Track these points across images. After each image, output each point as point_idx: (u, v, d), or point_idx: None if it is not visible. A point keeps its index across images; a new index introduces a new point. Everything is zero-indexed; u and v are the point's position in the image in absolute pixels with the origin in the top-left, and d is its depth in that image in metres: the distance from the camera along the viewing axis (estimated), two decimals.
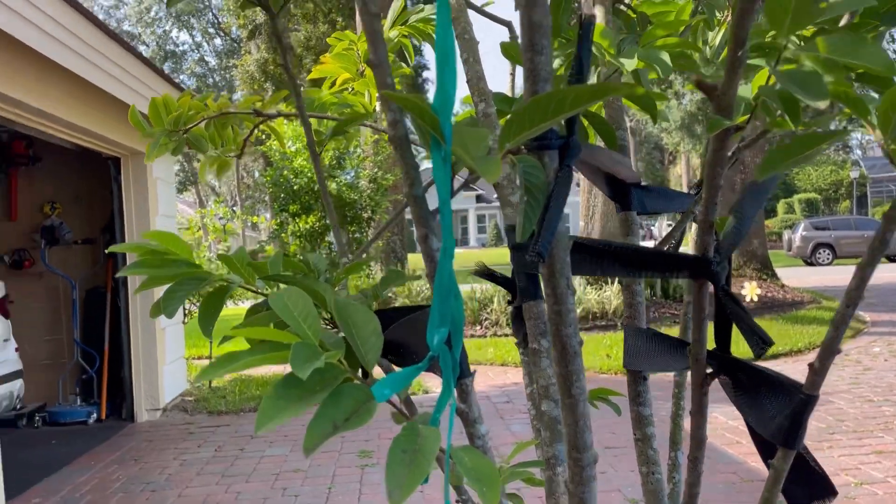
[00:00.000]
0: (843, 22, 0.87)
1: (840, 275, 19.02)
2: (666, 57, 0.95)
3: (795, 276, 19.15)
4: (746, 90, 0.90)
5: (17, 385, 6.04)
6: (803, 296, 14.06)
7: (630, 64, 0.91)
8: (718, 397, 1.04)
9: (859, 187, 41.47)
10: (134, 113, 1.72)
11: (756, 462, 5.00)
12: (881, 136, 0.67)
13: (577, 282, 11.71)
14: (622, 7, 1.21)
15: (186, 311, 8.56)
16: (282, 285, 0.89)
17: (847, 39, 0.69)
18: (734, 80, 0.71)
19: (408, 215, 0.94)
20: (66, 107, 5.49)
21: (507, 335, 10.72)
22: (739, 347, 0.83)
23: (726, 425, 5.98)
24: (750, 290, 9.88)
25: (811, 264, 25.72)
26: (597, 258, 0.82)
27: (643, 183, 1.14)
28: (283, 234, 9.79)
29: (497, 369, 8.97)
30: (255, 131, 1.92)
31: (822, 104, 0.59)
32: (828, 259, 25.71)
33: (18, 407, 6.34)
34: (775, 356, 8.86)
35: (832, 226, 26.29)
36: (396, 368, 0.89)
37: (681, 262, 0.83)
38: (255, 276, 0.87)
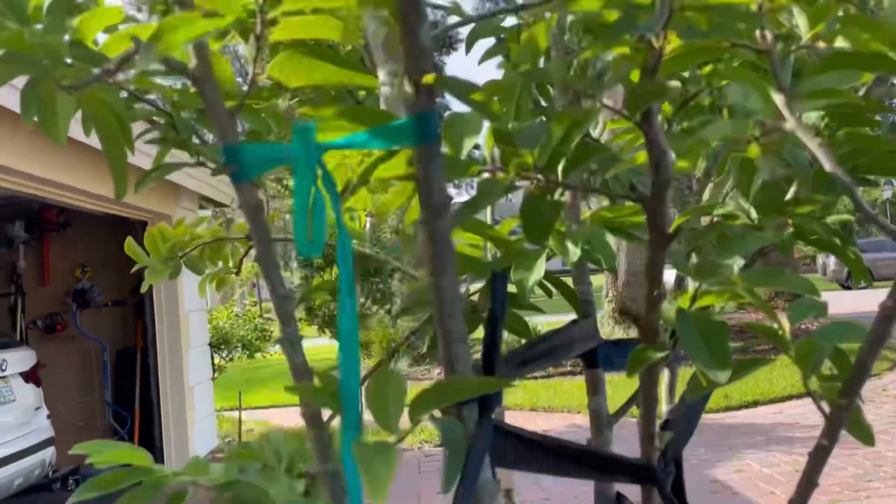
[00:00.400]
0: None
1: (877, 298, 18.45)
2: (610, 239, 0.96)
3: (831, 302, 18.72)
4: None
5: (48, 453, 6.15)
6: None
7: (574, 253, 0.93)
8: (751, 442, 1.03)
9: (893, 207, 40.54)
10: (130, 244, 1.78)
11: None
12: (802, 376, 0.67)
13: None
14: None
15: (216, 367, 8.66)
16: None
17: (765, 272, 0.71)
18: (654, 314, 0.72)
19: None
20: (93, 179, 5.65)
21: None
22: None
23: (759, 473, 5.84)
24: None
25: (848, 288, 25.15)
26: (528, 452, 0.82)
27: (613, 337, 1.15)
28: (307, 289, 9.88)
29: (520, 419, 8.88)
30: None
31: (723, 377, 0.60)
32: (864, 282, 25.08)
33: (51, 474, 6.44)
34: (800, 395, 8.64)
35: (867, 248, 25.71)
36: None
37: (625, 467, 0.84)
38: (212, 481, 0.90)
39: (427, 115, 0.60)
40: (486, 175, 0.66)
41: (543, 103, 0.82)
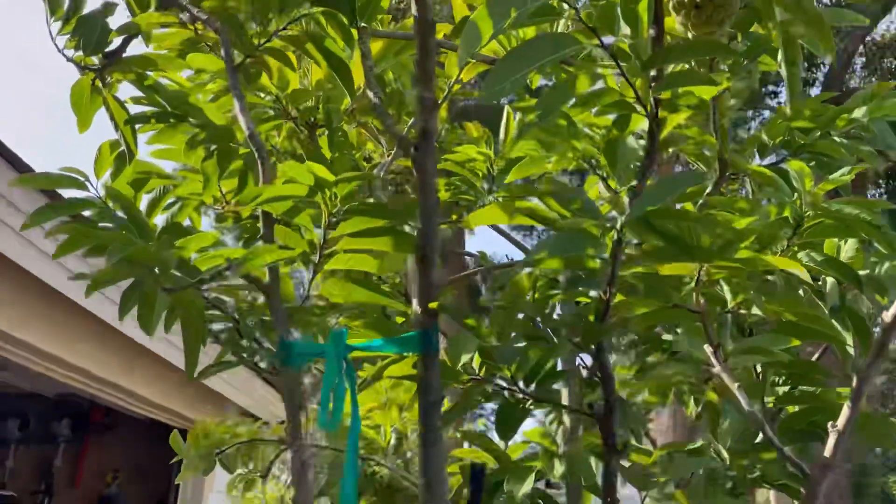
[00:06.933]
0: None
1: None
2: (593, 461, 1.10)
3: None
4: None
5: None
6: None
7: (558, 469, 1.07)
8: None
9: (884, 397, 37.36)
10: (175, 438, 1.96)
11: None
12: None
13: None
14: None
15: None
16: None
17: (703, 491, 0.84)
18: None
19: None
20: (144, 383, 5.92)
21: None
22: None
23: None
24: None
25: None
26: None
27: None
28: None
29: None
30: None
31: None
32: None
33: None
34: None
35: None
36: None
37: None
38: None
39: (430, 331, 0.80)
40: (471, 383, 0.84)
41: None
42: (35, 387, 6.80)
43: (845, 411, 0.84)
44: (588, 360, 1.21)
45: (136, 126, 1.35)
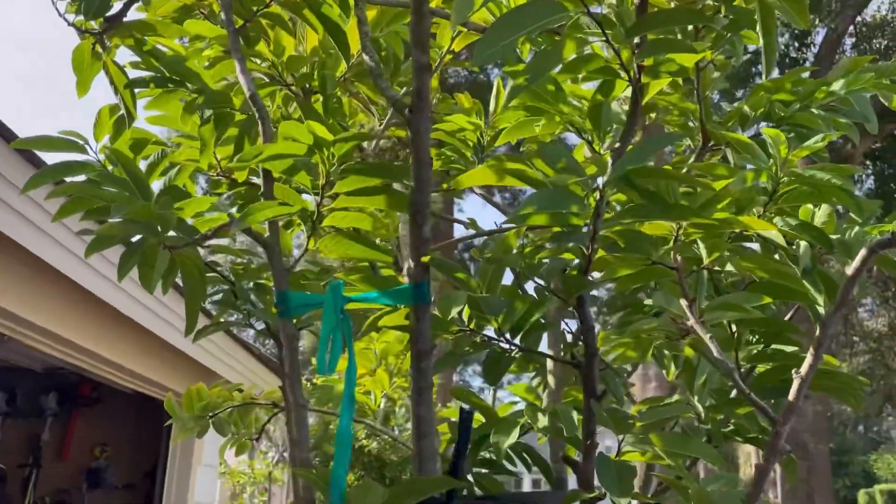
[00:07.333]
0: None
1: None
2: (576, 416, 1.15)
3: None
4: None
5: None
6: None
7: (542, 421, 1.12)
8: None
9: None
10: (170, 400, 2.01)
11: None
12: None
13: None
14: None
15: None
16: None
17: (680, 438, 0.90)
18: (589, 463, 0.91)
19: None
20: (133, 356, 5.95)
21: None
22: None
23: None
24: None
25: None
26: None
27: None
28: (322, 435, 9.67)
29: None
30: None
31: (624, 501, 0.78)
32: None
33: None
34: None
35: None
36: None
37: None
38: None
39: (422, 284, 0.85)
40: (460, 334, 0.89)
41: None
42: (23, 361, 6.81)
43: (809, 359, 0.90)
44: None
45: (135, 91, 1.38)
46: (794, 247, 1.21)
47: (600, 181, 0.81)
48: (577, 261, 0.92)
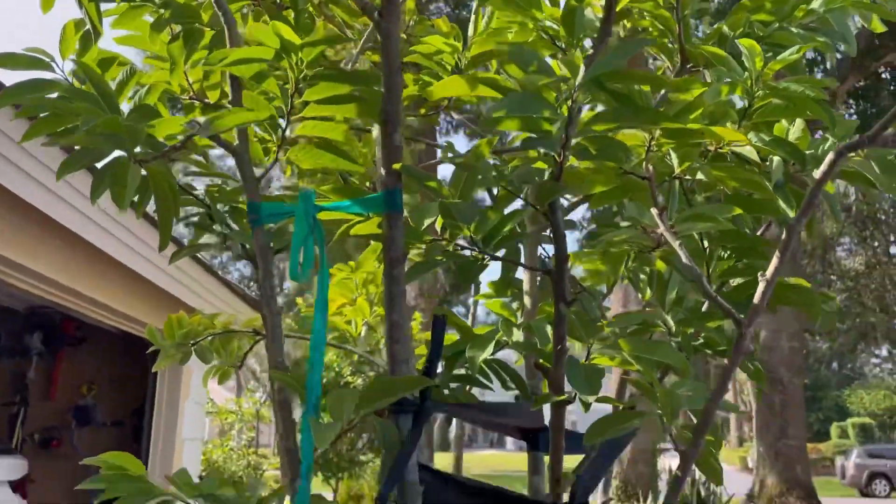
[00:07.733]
0: None
1: None
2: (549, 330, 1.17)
3: None
4: None
5: None
6: None
7: (518, 335, 1.14)
8: None
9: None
10: (151, 329, 2.01)
11: None
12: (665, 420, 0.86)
13: None
14: None
15: None
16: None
17: (648, 343, 0.91)
18: (560, 368, 0.92)
19: None
20: (114, 295, 5.95)
21: None
22: None
23: None
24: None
25: (867, 495, 24.05)
26: (441, 489, 0.98)
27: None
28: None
29: None
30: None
31: (591, 398, 0.80)
32: (885, 490, 24.08)
33: None
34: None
35: (888, 454, 24.90)
36: None
37: None
38: (194, 492, 1.07)
39: (394, 191, 0.85)
40: (433, 242, 0.90)
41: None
42: (3, 300, 6.79)
43: (774, 261, 0.91)
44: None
45: (101, 8, 1.34)
46: (767, 163, 1.22)
47: (575, 86, 0.80)
48: (549, 170, 0.92)
